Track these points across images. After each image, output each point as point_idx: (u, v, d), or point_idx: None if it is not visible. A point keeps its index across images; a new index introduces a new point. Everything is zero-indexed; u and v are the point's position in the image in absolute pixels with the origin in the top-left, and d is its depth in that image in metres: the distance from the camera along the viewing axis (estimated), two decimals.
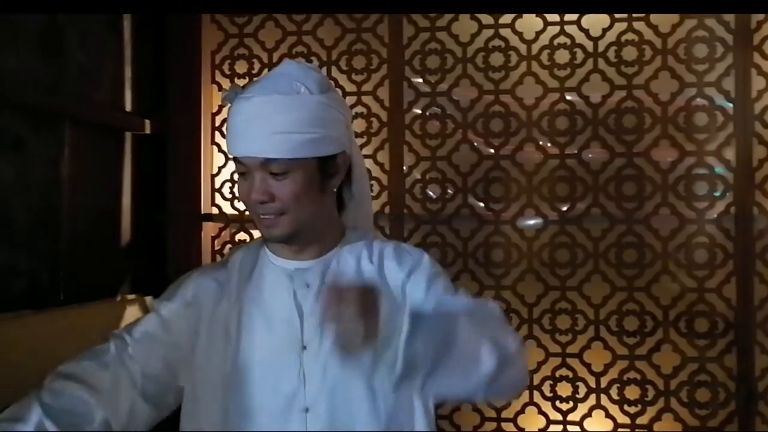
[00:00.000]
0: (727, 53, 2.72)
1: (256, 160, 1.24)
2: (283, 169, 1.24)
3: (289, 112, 1.22)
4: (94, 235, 2.72)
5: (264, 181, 1.25)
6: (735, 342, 2.70)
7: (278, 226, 1.28)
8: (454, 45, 2.88)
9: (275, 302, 1.31)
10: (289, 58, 2.87)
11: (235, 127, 1.26)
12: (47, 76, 2.46)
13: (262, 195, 1.25)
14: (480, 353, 1.08)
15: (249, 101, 1.24)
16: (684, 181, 2.75)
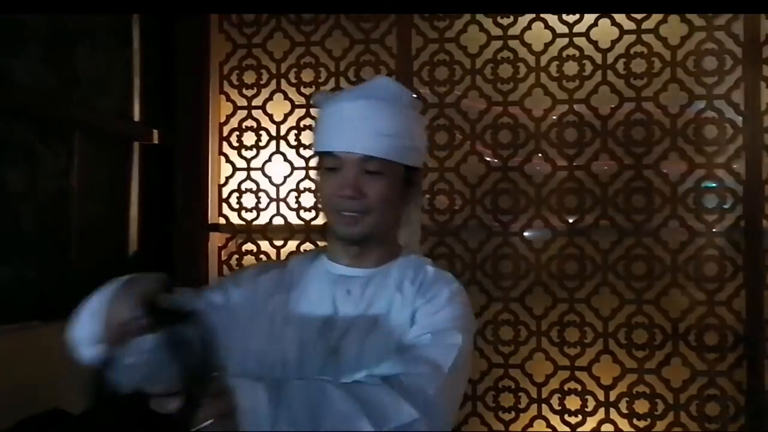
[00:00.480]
0: (736, 66, 2.72)
1: (354, 156, 1.28)
2: (378, 169, 1.29)
3: (391, 118, 1.29)
4: (101, 245, 2.72)
5: (357, 177, 1.29)
6: (745, 356, 2.69)
7: (358, 225, 1.31)
8: (463, 56, 2.88)
9: (315, 305, 1.34)
10: (297, 68, 2.91)
11: (337, 124, 1.30)
12: (56, 86, 2.46)
13: (354, 191, 1.29)
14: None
15: (354, 102, 1.30)
16: (693, 194, 2.74)
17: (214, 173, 3.03)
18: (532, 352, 2.81)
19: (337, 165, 1.30)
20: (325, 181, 1.32)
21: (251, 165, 3.02)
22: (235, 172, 3.03)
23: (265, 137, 3.02)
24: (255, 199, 3.01)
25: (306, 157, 2.98)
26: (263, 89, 3.02)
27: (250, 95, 3.03)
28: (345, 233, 1.33)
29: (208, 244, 3.00)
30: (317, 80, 2.98)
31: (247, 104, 3.03)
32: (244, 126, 3.03)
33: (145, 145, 2.93)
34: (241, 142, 3.03)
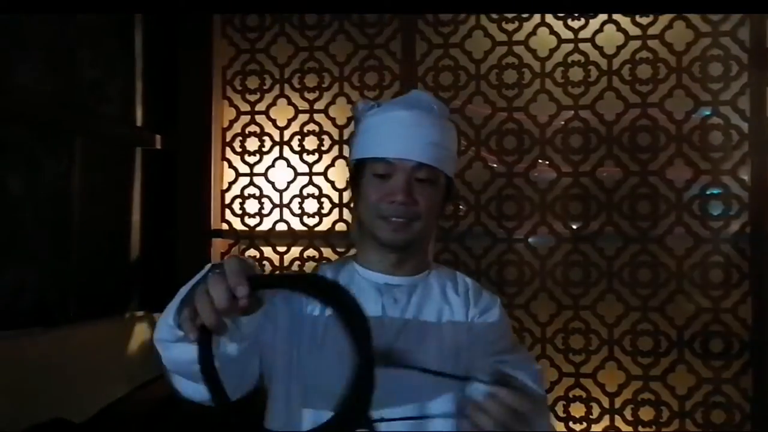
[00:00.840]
0: (742, 72, 2.71)
1: (408, 163, 1.30)
2: (429, 177, 1.32)
3: (441, 130, 1.34)
4: (103, 251, 2.70)
5: (410, 184, 1.31)
6: (750, 363, 2.67)
7: (406, 231, 1.33)
8: (468, 62, 2.87)
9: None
10: (300, 73, 2.90)
11: (389, 131, 1.32)
12: (58, 90, 2.45)
13: (407, 196, 1.31)
14: None
15: (408, 111, 1.33)
16: (698, 201, 2.73)
17: (216, 179, 3.01)
18: (536, 359, 2.79)
19: (388, 171, 1.32)
20: (371, 187, 1.33)
21: (254, 170, 3.00)
22: (238, 178, 3.01)
23: (269, 142, 3.00)
24: (258, 204, 2.99)
25: (309, 163, 2.96)
26: (266, 94, 3.01)
27: (254, 100, 3.01)
28: (391, 239, 1.34)
29: (210, 250, 2.99)
30: (321, 85, 2.96)
31: (251, 109, 3.01)
32: (248, 131, 3.02)
33: (147, 150, 2.92)
34: (244, 148, 3.02)
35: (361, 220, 1.38)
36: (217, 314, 0.94)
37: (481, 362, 1.26)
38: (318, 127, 2.97)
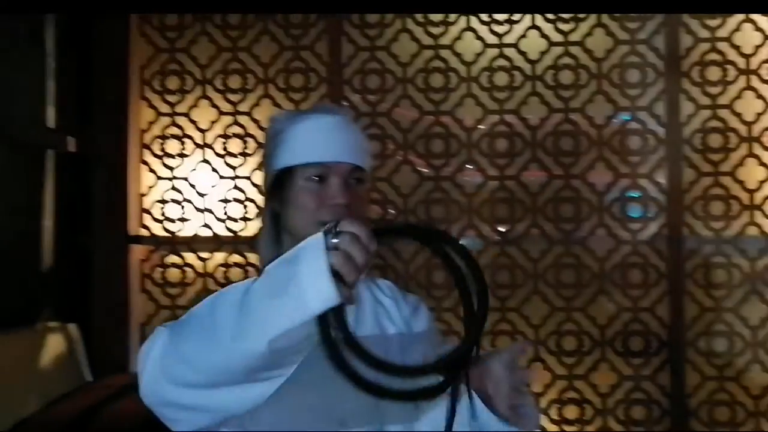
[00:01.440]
0: (658, 79, 2.81)
1: (345, 166, 1.30)
2: (361, 178, 1.32)
3: (360, 133, 1.36)
4: (13, 259, 2.54)
5: (348, 186, 1.30)
6: (668, 360, 2.77)
7: None
8: (394, 65, 2.86)
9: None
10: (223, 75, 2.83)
11: (323, 135, 1.32)
12: None
13: (347, 198, 1.29)
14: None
15: (330, 116, 1.33)
16: (619, 203, 2.81)
17: (135, 183, 2.89)
18: None
19: (325, 175, 1.29)
20: (307, 194, 1.29)
21: (175, 174, 2.90)
22: (158, 182, 2.90)
23: (190, 145, 2.90)
24: (180, 209, 2.89)
25: (233, 166, 2.89)
26: (188, 95, 2.91)
27: (174, 101, 2.91)
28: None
29: (129, 256, 2.86)
30: (245, 87, 2.89)
31: (171, 111, 2.91)
32: (168, 133, 2.91)
33: (60, 153, 2.77)
34: (164, 150, 2.91)
35: (291, 230, 1.33)
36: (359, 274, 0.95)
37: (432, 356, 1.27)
38: (242, 129, 2.90)
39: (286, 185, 1.32)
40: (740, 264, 2.77)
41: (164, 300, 2.86)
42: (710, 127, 2.79)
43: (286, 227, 1.34)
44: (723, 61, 2.79)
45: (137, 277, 2.88)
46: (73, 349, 2.68)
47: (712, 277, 2.77)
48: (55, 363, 2.57)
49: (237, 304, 1.02)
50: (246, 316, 1.00)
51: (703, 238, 2.78)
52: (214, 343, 1.03)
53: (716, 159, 2.79)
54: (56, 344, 2.61)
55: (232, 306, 1.02)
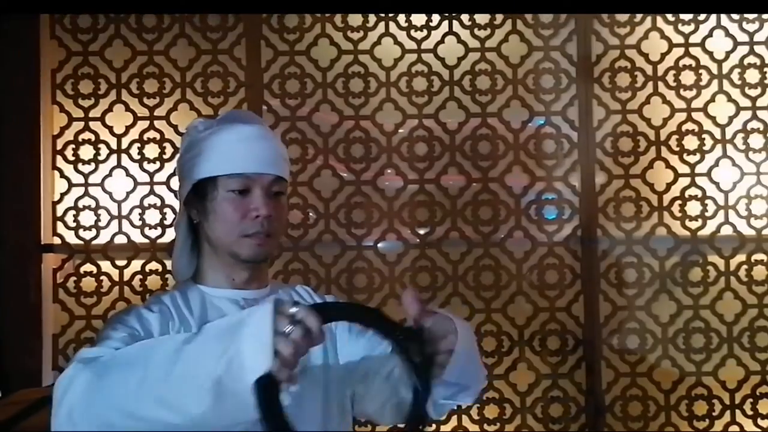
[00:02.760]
0: (570, 84, 2.89)
1: (267, 177, 1.30)
2: (282, 189, 1.34)
3: (278, 141, 1.37)
4: None
5: (270, 197, 1.31)
6: (584, 358, 2.85)
7: (267, 245, 1.33)
8: (314, 69, 2.86)
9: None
10: (139, 78, 2.78)
11: (244, 146, 1.30)
12: None
13: (270, 210, 1.29)
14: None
15: (251, 126, 1.33)
16: (535, 206, 2.88)
17: (46, 189, 2.81)
18: None
19: (247, 186, 1.29)
20: (229, 205, 1.29)
21: (89, 180, 2.82)
22: (71, 188, 2.82)
23: (105, 151, 2.83)
24: (94, 216, 2.82)
25: (150, 172, 2.83)
26: (102, 100, 2.84)
27: (87, 106, 2.84)
28: (254, 254, 1.31)
29: (40, 265, 2.77)
30: (162, 91, 2.84)
31: (84, 115, 2.83)
32: (81, 139, 2.83)
33: None
34: (77, 156, 2.83)
35: (212, 241, 1.32)
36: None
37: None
38: (159, 134, 2.84)
39: (206, 195, 1.31)
40: (650, 263, 2.87)
41: (79, 310, 2.78)
42: (621, 131, 2.89)
43: (206, 237, 1.33)
44: (632, 67, 2.89)
45: (50, 286, 2.79)
46: None
47: (624, 276, 2.87)
48: None
49: (170, 360, 0.98)
50: (177, 379, 0.97)
51: (615, 238, 2.87)
52: (142, 392, 0.99)
53: (627, 162, 2.88)
54: None
55: (165, 359, 0.99)
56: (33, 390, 2.39)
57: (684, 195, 2.88)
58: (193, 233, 1.36)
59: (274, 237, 1.33)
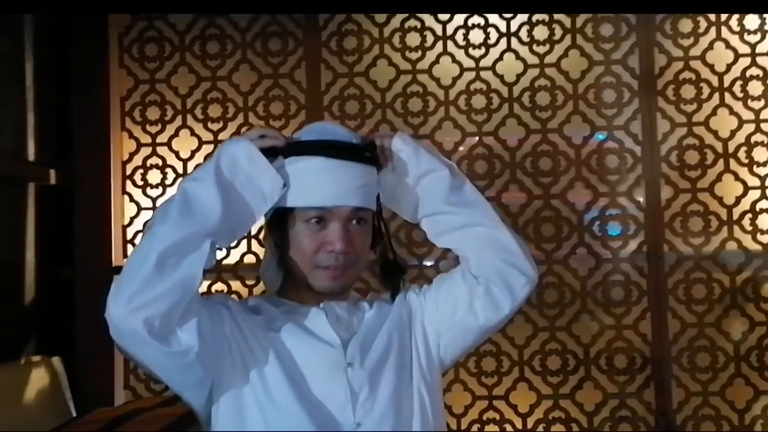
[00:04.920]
0: (633, 98, 2.84)
1: (345, 209, 1.29)
2: (363, 218, 1.32)
3: (363, 166, 1.31)
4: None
5: (347, 230, 1.29)
6: (652, 377, 2.78)
7: (343, 278, 1.32)
8: (373, 90, 2.89)
9: (313, 328, 1.31)
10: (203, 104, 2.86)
11: (323, 177, 1.30)
12: None
13: (347, 245, 1.28)
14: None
15: (330, 157, 1.30)
16: (598, 222, 2.84)
17: (117, 213, 2.90)
18: (450, 384, 2.82)
19: (324, 218, 1.29)
20: (305, 237, 1.29)
21: (157, 204, 2.90)
22: (140, 212, 2.91)
23: (171, 175, 2.91)
24: None
25: None
26: (168, 125, 2.93)
27: (155, 132, 2.93)
28: (329, 287, 1.31)
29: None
30: (225, 116, 2.91)
31: (152, 141, 2.92)
32: (149, 164, 2.92)
33: (41, 185, 2.77)
34: (146, 181, 2.92)
35: (290, 266, 1.34)
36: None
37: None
38: None
39: (285, 223, 1.32)
40: (720, 278, 2.79)
41: None
42: (687, 144, 2.83)
43: (284, 262, 1.35)
44: (697, 79, 2.83)
45: None
46: (57, 383, 2.66)
47: (693, 292, 2.80)
48: (39, 398, 2.56)
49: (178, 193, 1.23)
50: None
51: (682, 254, 2.80)
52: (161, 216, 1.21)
53: (693, 176, 2.82)
54: (40, 379, 2.59)
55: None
56: (108, 409, 2.47)
57: (755, 208, 2.79)
58: (279, 250, 1.36)
59: (352, 268, 1.31)
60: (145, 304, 1.13)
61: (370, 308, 1.37)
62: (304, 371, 1.27)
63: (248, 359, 1.26)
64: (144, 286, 1.14)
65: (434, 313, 1.36)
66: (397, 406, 1.29)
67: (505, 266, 1.33)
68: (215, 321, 1.24)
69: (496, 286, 1.32)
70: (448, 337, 1.36)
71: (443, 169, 1.34)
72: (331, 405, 1.25)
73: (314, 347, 1.28)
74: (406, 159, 1.34)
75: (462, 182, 1.37)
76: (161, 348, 1.16)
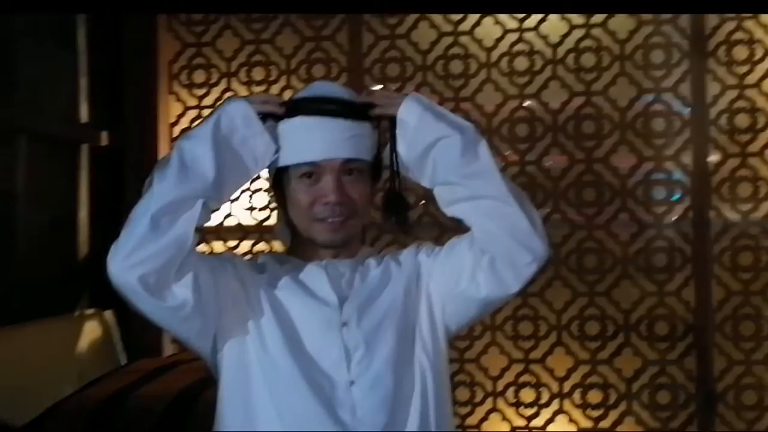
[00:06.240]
0: (683, 59, 2.76)
1: (335, 162, 1.31)
2: (356, 169, 1.33)
3: (355, 122, 1.33)
4: (50, 249, 2.68)
5: (340, 182, 1.31)
6: (694, 344, 2.74)
7: (343, 230, 1.34)
8: (414, 53, 2.88)
9: (312, 286, 1.34)
10: (247, 67, 2.90)
11: (311, 133, 1.33)
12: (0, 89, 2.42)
13: (340, 195, 1.31)
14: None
15: (317, 114, 1.33)
16: (642, 186, 2.78)
17: None
18: (487, 347, 2.84)
19: (315, 173, 1.32)
20: (301, 192, 1.33)
21: None
22: None
23: None
24: None
25: None
26: (213, 88, 2.99)
27: (201, 94, 3.00)
28: (330, 240, 1.35)
29: None
30: (268, 78, 2.96)
31: (198, 104, 3.00)
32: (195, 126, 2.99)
33: (94, 147, 2.89)
34: None
35: (294, 224, 1.38)
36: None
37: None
38: None
39: (282, 183, 1.36)
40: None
41: None
42: (737, 107, 2.73)
43: (291, 222, 1.39)
44: (749, 40, 2.72)
45: None
46: (108, 334, 2.81)
47: (739, 260, 2.73)
48: (91, 348, 2.71)
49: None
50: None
51: (730, 220, 2.73)
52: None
53: (743, 140, 2.73)
54: (92, 330, 2.74)
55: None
56: (151, 360, 2.59)
57: None
58: (284, 209, 1.40)
59: (351, 219, 1.33)
60: (140, 262, 1.19)
61: (377, 266, 1.38)
62: (299, 328, 1.30)
63: (248, 314, 1.31)
64: (139, 244, 1.19)
65: (440, 279, 1.36)
66: (395, 368, 1.30)
67: (511, 242, 1.28)
68: (218, 276, 1.29)
69: (500, 261, 1.29)
70: (452, 306, 1.36)
71: (454, 135, 1.30)
72: (324, 362, 1.29)
73: (310, 305, 1.32)
74: (413, 128, 1.31)
75: (475, 147, 1.31)
76: (157, 303, 1.22)
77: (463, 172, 1.30)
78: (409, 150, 1.33)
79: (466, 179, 1.30)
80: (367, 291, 1.34)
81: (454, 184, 1.31)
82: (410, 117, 1.32)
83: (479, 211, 1.30)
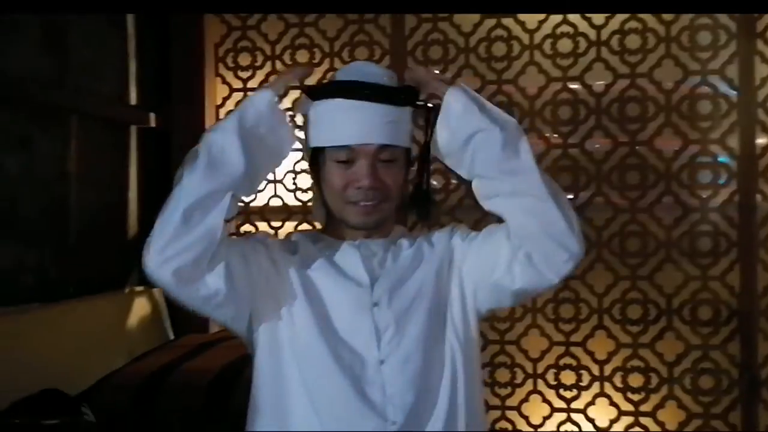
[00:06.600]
0: (730, 41, 2.71)
1: (371, 147, 1.33)
2: (391, 156, 1.35)
3: (395, 109, 1.35)
4: (101, 228, 2.76)
5: (374, 167, 1.34)
6: (738, 329, 2.71)
7: (375, 213, 1.36)
8: (456, 35, 2.88)
9: (344, 266, 1.38)
10: (291, 50, 2.94)
11: (349, 116, 1.34)
12: (52, 72, 2.49)
13: (374, 180, 1.33)
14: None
15: (357, 97, 1.34)
16: (687, 170, 2.75)
17: None
18: (527, 329, 2.85)
19: (350, 157, 1.33)
20: (335, 174, 1.35)
21: None
22: None
23: None
24: None
25: (302, 139, 2.99)
26: (258, 71, 3.04)
27: (246, 77, 3.05)
28: (362, 223, 1.37)
29: None
30: (312, 61, 2.99)
31: (243, 86, 3.05)
32: None
33: (142, 129, 2.96)
34: None
35: (328, 205, 1.40)
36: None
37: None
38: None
39: (318, 163, 1.39)
40: None
41: None
42: None
43: (326, 203, 1.41)
44: None
45: None
46: (157, 311, 2.89)
47: None
48: (140, 324, 2.79)
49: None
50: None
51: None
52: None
53: None
54: (142, 307, 2.82)
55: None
56: (198, 336, 2.66)
57: None
58: (319, 189, 1.42)
59: (384, 203, 1.35)
60: (174, 255, 1.23)
61: (410, 246, 1.40)
62: (330, 308, 1.33)
63: (280, 294, 1.34)
64: (172, 239, 1.23)
65: (475, 265, 1.37)
66: (425, 348, 1.32)
67: (548, 240, 1.28)
68: (250, 259, 1.32)
69: (536, 256, 1.29)
70: (484, 292, 1.37)
71: (494, 129, 1.29)
72: (354, 342, 1.31)
73: (342, 285, 1.34)
74: (457, 117, 1.31)
75: (517, 143, 1.30)
76: (191, 293, 1.26)
77: (503, 167, 1.29)
78: (450, 138, 1.33)
79: (506, 175, 1.29)
80: (399, 271, 1.36)
81: (493, 178, 1.31)
82: (456, 105, 1.32)
83: (517, 208, 1.30)
